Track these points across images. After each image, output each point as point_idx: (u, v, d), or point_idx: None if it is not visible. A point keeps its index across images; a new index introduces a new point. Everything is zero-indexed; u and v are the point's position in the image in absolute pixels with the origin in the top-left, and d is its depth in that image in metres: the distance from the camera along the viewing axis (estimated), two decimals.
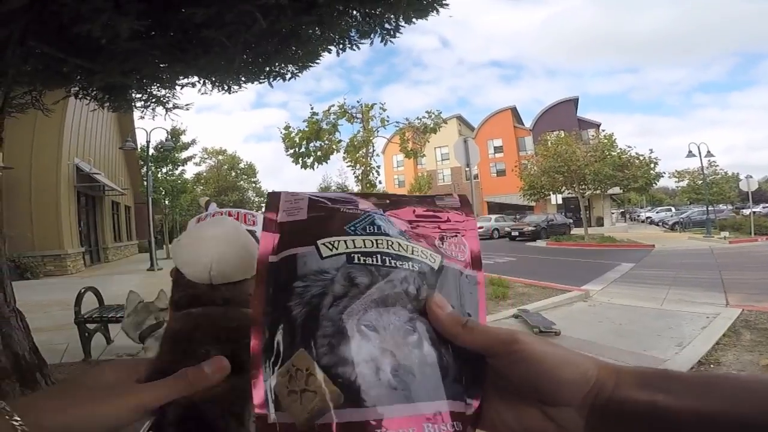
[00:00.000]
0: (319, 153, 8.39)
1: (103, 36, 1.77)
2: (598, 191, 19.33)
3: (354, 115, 8.53)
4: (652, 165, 18.56)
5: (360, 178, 9.06)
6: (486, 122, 38.91)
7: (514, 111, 38.62)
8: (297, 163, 8.47)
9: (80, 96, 3.07)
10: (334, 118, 8.34)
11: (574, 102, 35.80)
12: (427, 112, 8.59)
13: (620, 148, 18.42)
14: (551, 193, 20.86)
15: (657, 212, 37.67)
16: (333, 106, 8.36)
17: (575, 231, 22.23)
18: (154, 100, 3.33)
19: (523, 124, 37.95)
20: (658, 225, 29.85)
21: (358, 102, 8.70)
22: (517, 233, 21.08)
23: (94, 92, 3.05)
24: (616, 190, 21.23)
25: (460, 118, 41.78)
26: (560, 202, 25.53)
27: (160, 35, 2.29)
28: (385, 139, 9.53)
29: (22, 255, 9.95)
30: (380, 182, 11.82)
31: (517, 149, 35.98)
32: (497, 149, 37.73)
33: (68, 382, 0.37)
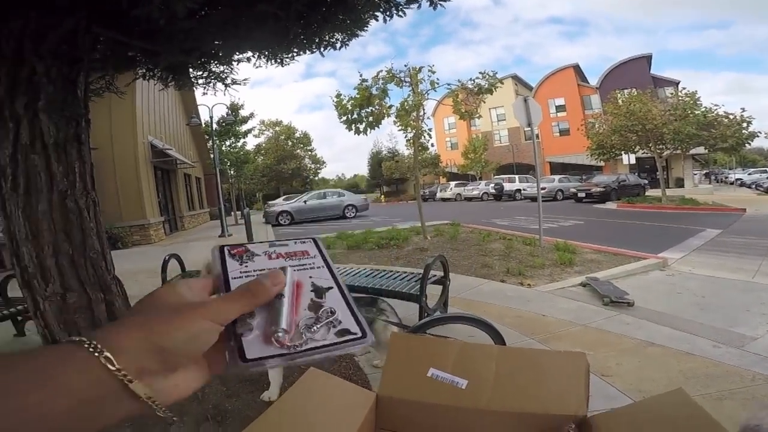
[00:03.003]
0: (370, 118, 8.34)
1: (161, 17, 1.81)
2: (678, 151, 17.91)
3: (402, 79, 8.30)
4: (744, 124, 16.85)
5: (411, 141, 8.92)
6: (545, 81, 37.08)
7: (576, 69, 36.50)
8: (350, 129, 8.55)
9: (147, 77, 3.22)
10: (383, 84, 8.18)
11: (647, 59, 33.30)
12: (480, 72, 8.14)
13: (705, 107, 16.74)
14: (622, 152, 19.72)
15: (749, 174, 33.52)
16: (381, 71, 8.20)
17: (651, 192, 20.64)
18: (213, 76, 3.41)
19: (587, 83, 35.99)
20: (750, 187, 26.51)
21: (405, 66, 8.43)
22: (583, 194, 19.87)
23: (159, 73, 3.18)
24: (700, 150, 19.57)
25: (516, 78, 39.96)
26: (633, 162, 23.75)
27: (214, 12, 2.30)
28: (435, 102, 9.22)
29: (113, 226, 11.07)
30: (432, 145, 11.56)
31: (582, 108, 34.17)
32: (559, 108, 36.05)
33: (146, 302, 0.37)
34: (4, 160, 2.04)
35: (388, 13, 2.62)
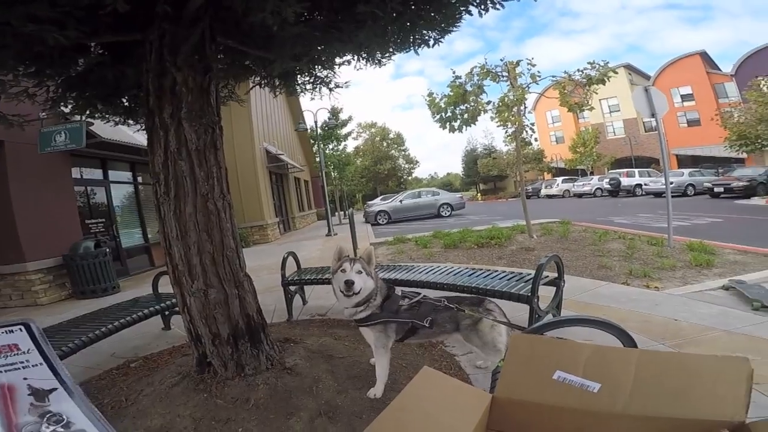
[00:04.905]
0: (465, 116, 8.13)
1: (274, 23, 1.95)
2: None
3: (499, 73, 7.93)
4: None
5: (513, 137, 8.47)
6: (666, 69, 33.67)
7: (704, 55, 32.65)
8: (444, 128, 8.40)
9: (262, 85, 3.53)
10: (478, 80, 7.91)
11: None
12: (589, 62, 7.42)
13: None
14: None
15: None
16: (475, 67, 7.92)
17: None
18: (318, 81, 3.62)
19: (719, 70, 32.10)
20: None
21: (501, 60, 8.02)
22: (721, 189, 16.97)
23: (272, 80, 3.47)
24: None
25: (629, 67, 36.49)
26: None
27: (318, 16, 2.43)
28: (536, 95, 8.65)
29: (237, 227, 12.51)
30: (535, 139, 10.87)
31: (714, 96, 30.69)
32: (685, 97, 32.65)
33: None
34: (157, 167, 2.34)
35: (483, 7, 2.51)
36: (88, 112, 3.26)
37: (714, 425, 0.68)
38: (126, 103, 3.35)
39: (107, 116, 3.51)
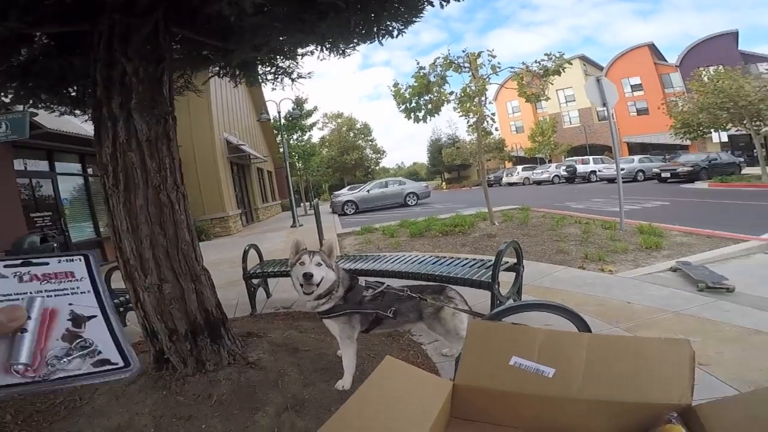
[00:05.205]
0: (429, 106, 8.21)
1: (231, 13, 1.88)
2: None
3: (461, 65, 8.04)
4: None
5: (474, 127, 8.65)
6: (617, 60, 35.51)
7: (652, 47, 34.66)
8: (409, 118, 8.49)
9: (221, 75, 3.41)
10: (441, 71, 8.00)
11: (733, 36, 31.39)
12: (546, 54, 7.64)
13: None
14: (712, 130, 18.35)
15: None
16: (438, 58, 8.00)
17: (748, 170, 18.66)
18: (280, 71, 3.54)
19: (665, 61, 34.26)
20: None
21: (463, 51, 8.13)
22: (668, 174, 18.13)
23: (231, 70, 3.35)
24: None
25: (584, 58, 38.31)
26: (725, 140, 21.50)
27: (280, 7, 2.37)
28: (497, 86, 8.83)
29: (196, 219, 12.09)
30: (496, 129, 11.15)
31: (661, 86, 32.55)
32: (635, 87, 34.61)
33: None
34: (105, 158, 2.23)
35: None
36: (31, 102, 3.04)
37: (662, 408, 0.70)
38: (73, 94, 3.15)
39: (52, 107, 3.29)
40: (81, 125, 7.93)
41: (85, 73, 2.49)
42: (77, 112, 3.44)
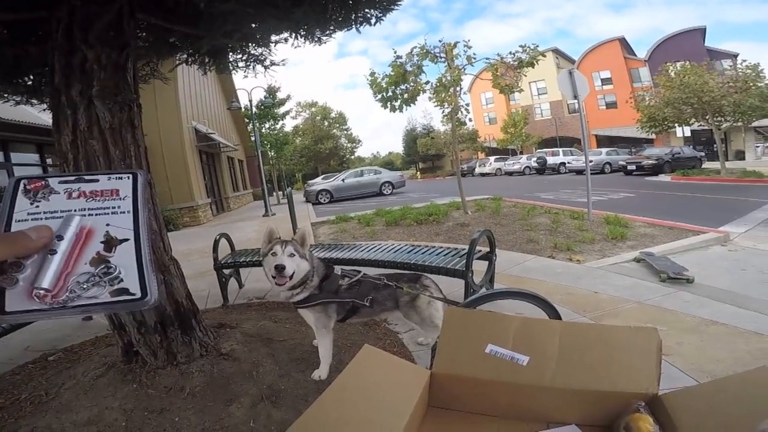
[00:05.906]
0: (405, 95, 8.23)
1: (200, 0, 1.80)
2: (738, 123, 16.86)
3: (437, 55, 8.07)
4: None
5: (448, 117, 8.73)
6: (589, 54, 36.52)
7: (623, 41, 35.69)
8: (385, 107, 8.50)
9: (189, 62, 3.28)
10: (417, 60, 8.01)
11: (700, 32, 32.43)
12: (521, 46, 7.80)
13: None
14: (676, 125, 19.05)
15: None
16: (414, 47, 8.01)
17: (708, 165, 19.64)
18: (252, 59, 3.43)
19: (635, 55, 35.28)
20: None
21: (440, 42, 8.15)
22: (633, 167, 18.87)
23: (200, 58, 3.23)
24: (765, 122, 18.33)
25: (557, 51, 39.05)
26: (688, 134, 22.46)
27: None
28: (472, 77, 8.94)
29: (164, 209, 11.69)
30: (470, 120, 11.29)
31: (630, 81, 33.75)
32: (605, 81, 35.66)
33: None
34: (65, 147, 2.12)
35: None
36: None
37: (630, 397, 0.73)
38: (30, 83, 2.97)
39: (6, 96, 3.09)
40: (38, 115, 7.57)
41: (43, 62, 2.36)
42: (34, 101, 3.25)
